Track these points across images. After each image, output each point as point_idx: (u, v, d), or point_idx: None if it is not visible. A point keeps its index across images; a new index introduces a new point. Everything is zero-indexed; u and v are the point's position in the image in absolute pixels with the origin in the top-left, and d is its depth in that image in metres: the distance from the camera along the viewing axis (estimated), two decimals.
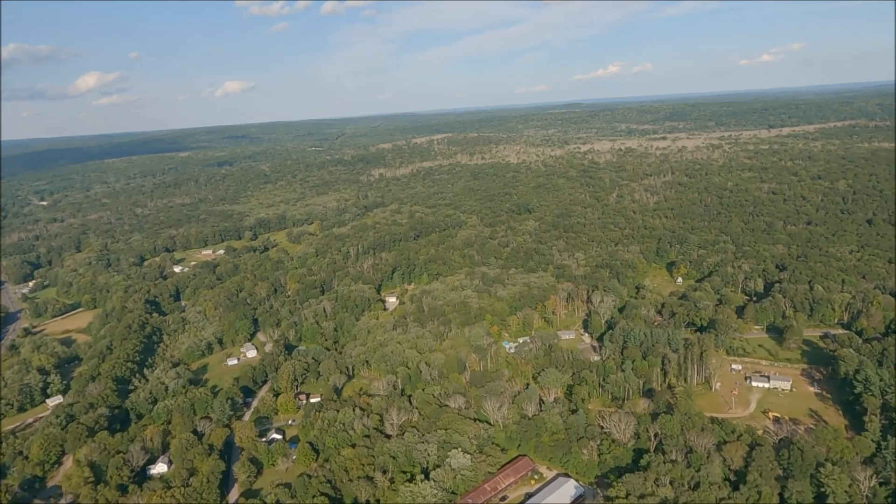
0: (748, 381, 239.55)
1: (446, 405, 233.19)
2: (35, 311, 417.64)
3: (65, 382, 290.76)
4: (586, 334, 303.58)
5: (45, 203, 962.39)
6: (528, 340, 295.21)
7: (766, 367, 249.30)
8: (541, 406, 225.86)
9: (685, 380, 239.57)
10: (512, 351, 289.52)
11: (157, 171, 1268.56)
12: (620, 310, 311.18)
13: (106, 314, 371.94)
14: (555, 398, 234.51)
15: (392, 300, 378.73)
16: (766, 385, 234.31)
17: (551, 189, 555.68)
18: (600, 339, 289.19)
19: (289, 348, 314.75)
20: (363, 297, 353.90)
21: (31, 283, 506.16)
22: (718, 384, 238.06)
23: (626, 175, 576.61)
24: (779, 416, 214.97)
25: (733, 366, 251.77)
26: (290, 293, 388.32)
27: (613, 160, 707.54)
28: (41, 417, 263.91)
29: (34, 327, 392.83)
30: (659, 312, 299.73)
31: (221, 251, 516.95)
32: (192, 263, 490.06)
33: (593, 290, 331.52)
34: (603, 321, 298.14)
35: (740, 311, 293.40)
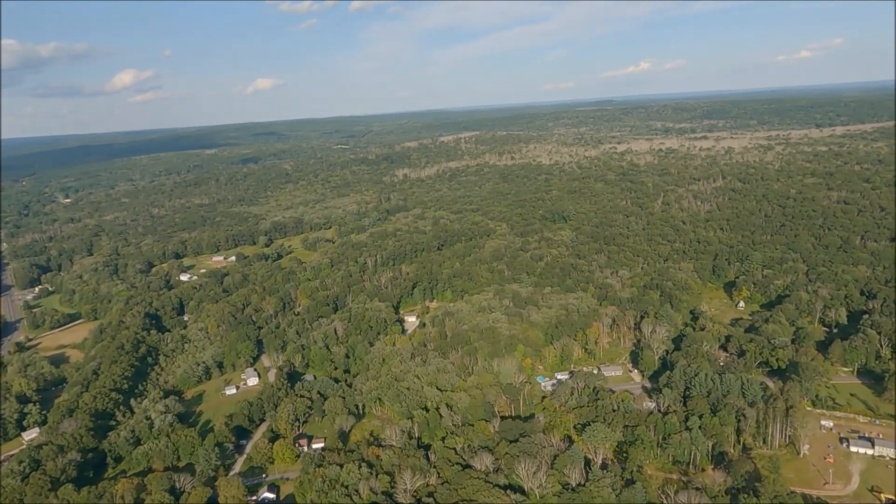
0: (844, 444, 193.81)
1: (471, 465, 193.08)
2: (33, 321, 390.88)
3: (44, 412, 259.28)
4: (635, 370, 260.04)
5: (68, 201, 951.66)
6: (568, 377, 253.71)
7: (865, 426, 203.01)
8: (587, 471, 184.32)
9: (764, 441, 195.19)
10: (548, 389, 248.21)
11: (183, 168, 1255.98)
12: (675, 341, 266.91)
13: (101, 329, 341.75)
14: (603, 460, 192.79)
15: (412, 319, 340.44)
16: (870, 451, 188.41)
17: (588, 194, 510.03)
18: (653, 378, 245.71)
19: (293, 377, 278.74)
20: (379, 318, 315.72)
21: (36, 289, 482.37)
22: (807, 447, 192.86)
23: (671, 179, 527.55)
24: (893, 498, 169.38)
25: (823, 422, 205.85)
26: (299, 309, 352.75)
27: (654, 162, 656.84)
28: (12, 455, 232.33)
29: (29, 340, 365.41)
30: (723, 348, 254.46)
31: (233, 258, 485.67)
32: (202, 271, 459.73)
33: (642, 317, 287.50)
34: (656, 356, 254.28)
35: (822, 347, 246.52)
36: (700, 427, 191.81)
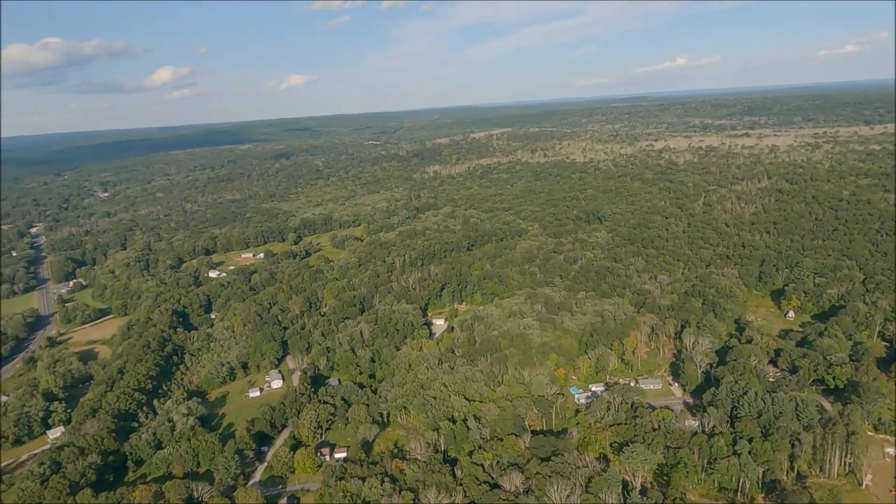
0: None
1: (499, 485, 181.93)
2: (65, 316, 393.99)
3: (69, 411, 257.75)
4: (676, 384, 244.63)
5: (106, 195, 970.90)
6: (603, 390, 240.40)
7: None
8: (625, 495, 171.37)
9: (821, 469, 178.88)
10: (582, 401, 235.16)
11: (217, 163, 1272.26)
12: (719, 353, 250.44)
13: (129, 326, 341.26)
14: (642, 484, 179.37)
15: (440, 322, 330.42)
16: None
17: (624, 194, 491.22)
18: (696, 394, 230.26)
19: (317, 381, 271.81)
20: (406, 321, 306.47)
21: (71, 283, 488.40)
22: (870, 478, 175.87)
23: (712, 179, 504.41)
24: None
25: (887, 450, 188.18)
26: (325, 310, 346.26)
27: (694, 160, 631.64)
28: (36, 454, 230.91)
29: (61, 335, 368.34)
30: (773, 363, 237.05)
31: (262, 255, 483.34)
32: (230, 268, 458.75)
33: (683, 327, 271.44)
34: (699, 370, 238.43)
35: (883, 365, 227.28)
36: (750, 452, 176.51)
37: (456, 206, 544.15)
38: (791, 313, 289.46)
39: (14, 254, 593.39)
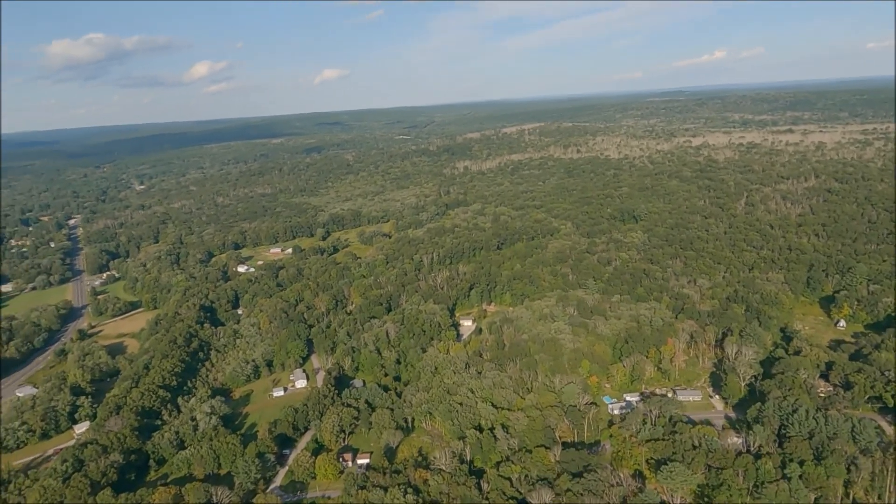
0: None
1: (527, 501, 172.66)
2: (97, 308, 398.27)
3: (95, 406, 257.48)
4: (716, 396, 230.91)
5: (142, 188, 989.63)
6: (638, 400, 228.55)
7: None
8: None
9: (880, 496, 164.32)
10: (616, 412, 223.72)
11: (250, 157, 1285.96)
12: (765, 364, 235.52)
13: (157, 321, 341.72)
14: None
15: (467, 323, 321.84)
16: None
17: (661, 192, 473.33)
18: (739, 408, 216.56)
19: (342, 381, 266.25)
20: (433, 322, 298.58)
21: (104, 275, 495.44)
22: None
23: (755, 177, 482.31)
24: None
25: None
26: (352, 308, 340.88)
27: (735, 157, 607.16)
28: (61, 449, 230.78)
29: (92, 328, 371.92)
30: (824, 377, 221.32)
31: (290, 250, 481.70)
32: (259, 263, 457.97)
33: (724, 335, 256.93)
34: (742, 382, 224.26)
35: None
36: (801, 476, 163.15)
37: (486, 203, 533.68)
38: (842, 322, 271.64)
39: (52, 245, 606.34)
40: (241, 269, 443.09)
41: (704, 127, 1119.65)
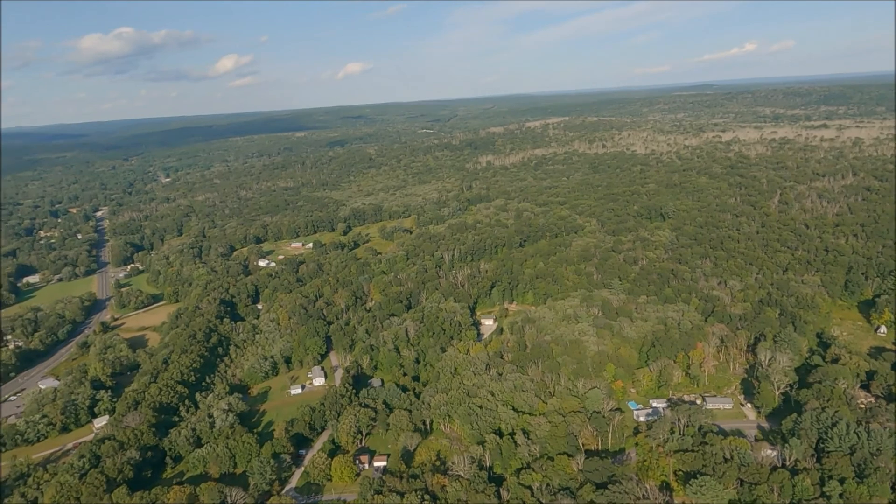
0: None
1: None
2: (120, 301, 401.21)
3: (114, 400, 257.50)
4: (748, 405, 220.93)
5: (167, 180, 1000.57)
6: (665, 406, 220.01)
7: None
8: None
9: None
10: (641, 419, 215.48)
11: (273, 150, 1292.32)
12: (800, 371, 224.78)
13: (178, 315, 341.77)
14: None
15: (488, 322, 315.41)
16: None
17: (690, 189, 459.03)
18: (773, 418, 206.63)
19: (360, 380, 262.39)
20: (453, 321, 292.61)
21: (128, 268, 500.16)
22: None
23: (789, 174, 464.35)
24: None
25: None
26: (371, 304, 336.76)
27: (767, 153, 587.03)
28: (80, 443, 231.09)
29: (114, 320, 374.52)
30: (864, 387, 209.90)
31: (310, 245, 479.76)
32: (280, 257, 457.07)
33: (757, 340, 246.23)
34: (776, 391, 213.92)
35: None
36: (841, 495, 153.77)
37: (509, 199, 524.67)
38: (883, 329, 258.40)
39: (79, 236, 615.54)
40: (262, 263, 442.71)
41: (734, 122, 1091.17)
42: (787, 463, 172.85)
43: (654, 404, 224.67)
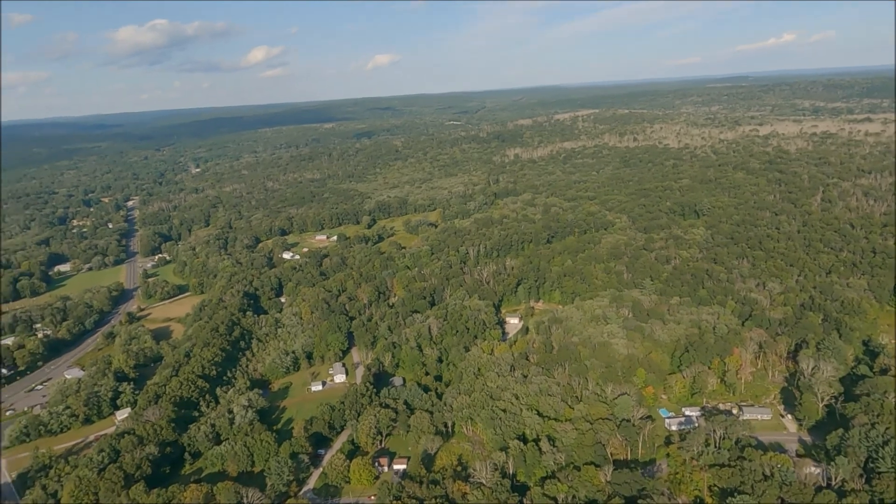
0: None
1: None
2: (146, 291, 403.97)
3: (136, 392, 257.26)
4: (789, 416, 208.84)
5: (197, 171, 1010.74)
6: (699, 415, 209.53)
7: None
8: None
9: None
10: (673, 428, 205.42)
11: (301, 141, 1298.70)
12: (846, 382, 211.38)
13: (202, 307, 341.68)
14: None
15: (514, 321, 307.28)
16: None
17: (726, 185, 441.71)
18: (816, 431, 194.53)
19: (381, 378, 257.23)
20: (477, 319, 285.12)
21: (156, 258, 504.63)
22: None
23: (832, 170, 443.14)
24: None
25: None
26: (394, 300, 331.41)
27: (808, 148, 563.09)
28: (102, 436, 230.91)
29: (141, 310, 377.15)
30: None
31: (335, 237, 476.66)
32: (304, 250, 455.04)
33: (798, 347, 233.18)
34: (820, 403, 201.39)
35: None
36: None
37: (536, 193, 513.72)
38: None
39: (110, 226, 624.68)
40: (286, 255, 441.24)
41: (771, 115, 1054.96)
42: (833, 483, 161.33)
43: (687, 412, 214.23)
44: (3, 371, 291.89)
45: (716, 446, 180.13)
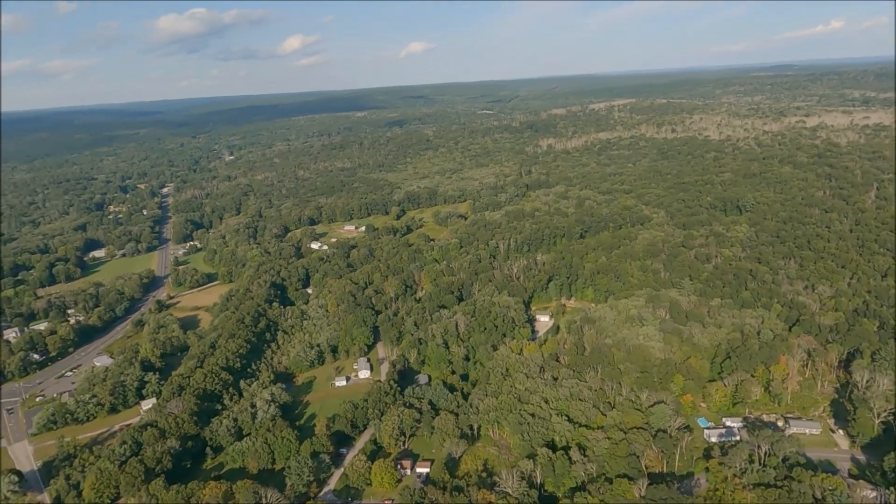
0: None
1: None
2: (176, 279, 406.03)
3: (161, 382, 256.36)
4: (840, 431, 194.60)
5: (231, 158, 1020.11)
6: (741, 426, 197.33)
7: None
8: None
9: None
10: (713, 439, 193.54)
11: (333, 129, 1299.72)
12: None
13: (229, 296, 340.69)
14: None
15: (544, 319, 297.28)
16: None
17: (771, 180, 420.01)
18: (870, 449, 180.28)
19: (406, 375, 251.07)
20: (506, 317, 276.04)
21: (187, 245, 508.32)
22: None
23: (887, 165, 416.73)
24: None
25: None
26: (421, 294, 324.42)
27: (860, 141, 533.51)
28: (126, 426, 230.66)
29: (170, 298, 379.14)
30: None
31: (363, 228, 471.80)
32: (332, 240, 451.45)
33: (851, 356, 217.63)
34: (876, 419, 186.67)
35: None
36: None
37: (570, 186, 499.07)
38: None
39: (145, 213, 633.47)
40: (315, 245, 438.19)
41: (819, 105, 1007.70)
42: None
43: (728, 423, 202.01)
44: (35, 356, 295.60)
45: (761, 463, 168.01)
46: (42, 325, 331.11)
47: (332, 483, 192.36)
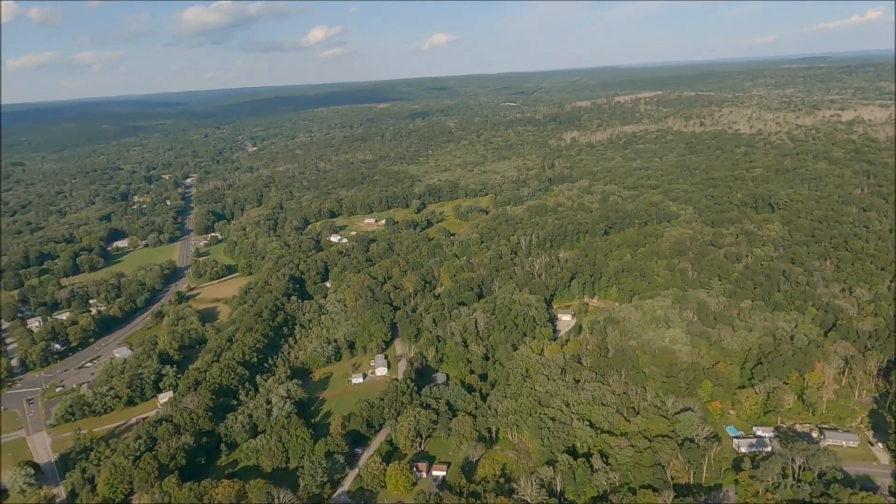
0: None
1: None
2: (196, 271, 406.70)
3: (178, 375, 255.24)
4: (879, 444, 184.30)
5: (254, 149, 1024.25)
6: (772, 435, 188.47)
7: None
8: None
9: None
10: (743, 449, 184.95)
11: (356, 121, 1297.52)
12: None
13: (247, 289, 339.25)
14: None
15: (566, 318, 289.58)
16: None
17: (805, 176, 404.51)
18: None
19: (423, 373, 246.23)
20: (527, 315, 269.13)
21: (209, 236, 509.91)
22: None
23: None
24: None
25: None
26: (440, 290, 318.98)
27: None
28: (143, 419, 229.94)
29: (190, 290, 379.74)
30: None
31: (383, 221, 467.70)
32: (352, 233, 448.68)
33: (891, 364, 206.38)
34: None
35: None
36: None
37: (594, 180, 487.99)
38: None
39: (168, 203, 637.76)
40: (334, 238, 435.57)
41: (854, 98, 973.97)
42: None
43: (759, 433, 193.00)
44: (57, 346, 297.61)
45: (794, 478, 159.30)
46: (64, 315, 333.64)
47: (347, 484, 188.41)
